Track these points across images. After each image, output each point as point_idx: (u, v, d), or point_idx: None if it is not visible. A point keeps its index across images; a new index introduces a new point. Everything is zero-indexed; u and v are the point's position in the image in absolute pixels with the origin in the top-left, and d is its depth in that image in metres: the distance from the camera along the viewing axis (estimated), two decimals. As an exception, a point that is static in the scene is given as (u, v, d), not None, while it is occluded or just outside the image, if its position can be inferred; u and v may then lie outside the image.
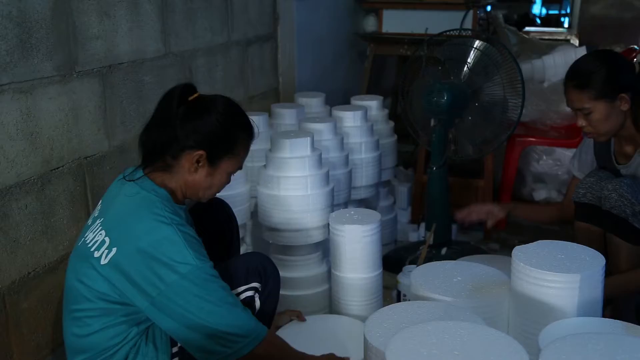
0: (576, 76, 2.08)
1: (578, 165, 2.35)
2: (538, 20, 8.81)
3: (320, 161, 2.29)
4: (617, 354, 1.22)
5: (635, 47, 3.50)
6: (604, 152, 2.24)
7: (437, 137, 2.65)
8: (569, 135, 3.40)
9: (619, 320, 1.61)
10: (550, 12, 9.30)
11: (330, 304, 2.27)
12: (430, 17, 3.69)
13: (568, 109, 3.43)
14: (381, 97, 3.12)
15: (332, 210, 2.29)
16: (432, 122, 2.64)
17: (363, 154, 2.71)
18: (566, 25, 8.17)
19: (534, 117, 3.49)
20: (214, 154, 1.61)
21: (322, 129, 2.50)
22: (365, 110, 2.78)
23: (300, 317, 2.04)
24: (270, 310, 1.82)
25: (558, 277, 1.60)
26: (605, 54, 2.15)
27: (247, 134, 1.67)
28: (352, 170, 2.62)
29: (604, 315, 1.74)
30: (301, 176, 2.22)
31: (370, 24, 4.05)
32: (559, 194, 3.60)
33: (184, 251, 1.47)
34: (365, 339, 1.56)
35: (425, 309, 1.64)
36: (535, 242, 1.80)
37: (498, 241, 3.10)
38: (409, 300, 1.95)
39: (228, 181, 1.70)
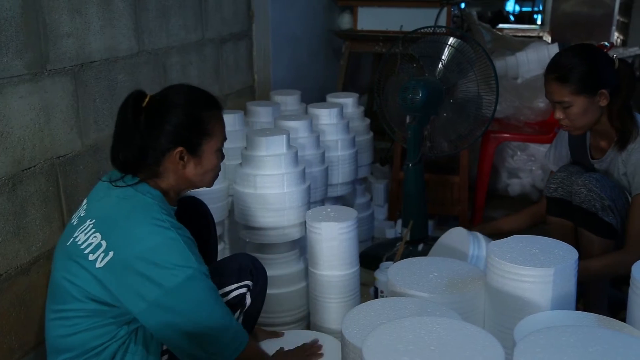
0: (558, 69, 2.08)
1: (553, 158, 2.38)
2: (511, 18, 8.90)
3: (296, 159, 2.29)
4: (590, 346, 1.23)
5: (606, 43, 3.54)
6: (579, 146, 2.26)
7: (412, 134, 2.66)
8: (543, 131, 3.44)
9: (592, 313, 1.63)
10: (524, 9, 9.39)
11: (308, 302, 2.27)
12: (404, 15, 3.71)
13: (542, 105, 3.52)
14: (357, 95, 3.12)
15: (309, 208, 2.29)
16: (408, 119, 2.65)
17: (339, 152, 2.71)
18: (539, 22, 8.26)
19: (508, 113, 3.53)
20: (192, 144, 1.61)
21: (298, 126, 2.50)
22: (341, 107, 2.79)
23: (277, 335, 2.04)
24: (258, 309, 1.85)
25: (532, 271, 1.62)
26: (588, 48, 2.15)
27: (212, 109, 1.66)
28: (329, 167, 2.62)
29: (577, 308, 1.77)
30: (277, 174, 2.21)
31: (345, 22, 4.06)
32: (533, 189, 3.64)
33: (186, 253, 1.47)
34: (342, 335, 1.56)
35: (402, 305, 1.64)
36: (509, 237, 1.82)
37: (474, 236, 3.13)
38: (386, 296, 1.96)
39: (222, 157, 1.70)
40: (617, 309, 2.15)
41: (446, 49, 2.67)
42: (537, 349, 1.23)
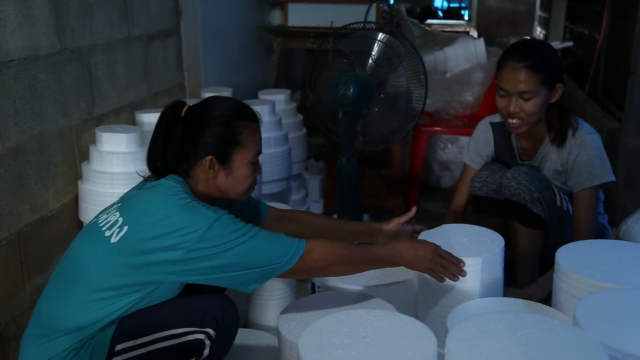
0: (530, 57, 2.00)
1: (475, 157, 2.36)
2: (440, 13, 9.09)
3: (228, 157, 2.26)
4: (518, 330, 1.28)
5: (528, 38, 3.68)
6: (506, 149, 2.28)
7: (345, 129, 2.67)
8: (472, 124, 3.51)
9: (519, 299, 1.69)
10: (451, 5, 9.62)
11: (245, 301, 2.26)
12: (335, 10, 3.73)
13: (470, 98, 3.61)
14: (289, 91, 3.12)
15: (243, 206, 2.27)
16: (340, 115, 2.67)
17: (272, 149, 2.71)
18: (466, 17, 8.48)
19: (438, 107, 3.60)
20: (222, 154, 1.59)
21: (230, 124, 2.47)
22: (272, 104, 2.78)
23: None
24: None
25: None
26: (545, 41, 2.13)
27: (246, 120, 1.63)
28: (262, 164, 2.60)
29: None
30: (210, 172, 2.18)
31: (276, 18, 4.05)
32: (464, 180, 3.72)
33: (199, 210, 1.47)
34: (279, 332, 1.56)
35: (338, 299, 1.66)
36: (439, 227, 1.86)
37: (408, 229, 3.18)
38: (323, 291, 1.97)
39: (255, 170, 1.67)
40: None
41: (376, 44, 2.69)
42: (468, 335, 1.27)
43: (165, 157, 1.60)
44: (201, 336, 1.53)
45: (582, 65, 4.20)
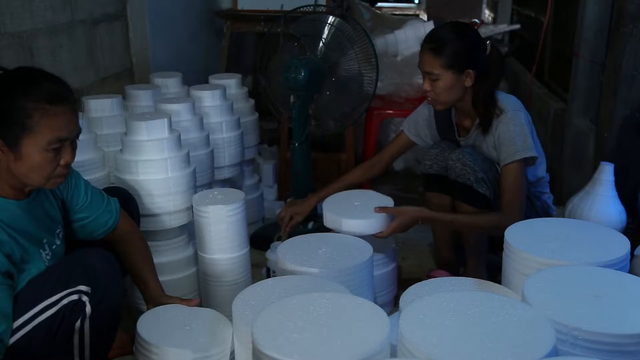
0: (434, 41, 2.13)
1: (414, 129, 2.42)
2: (390, -4, 9.09)
3: (179, 142, 2.23)
4: (469, 308, 1.30)
5: (477, 20, 3.71)
6: (446, 126, 2.33)
7: (297, 113, 2.67)
8: (423, 107, 3.56)
9: (471, 278, 1.72)
10: (402, -12, 9.61)
11: (199, 287, 2.24)
12: (285, -7, 3.69)
13: (421, 81, 3.62)
14: (240, 75, 3.08)
15: (196, 192, 2.25)
16: (292, 99, 2.66)
17: (224, 133, 2.68)
18: (416, 1, 8.52)
19: (389, 90, 3.62)
20: (8, 137, 1.47)
21: (180, 109, 2.43)
22: (224, 89, 2.74)
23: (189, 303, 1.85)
24: (110, 319, 1.62)
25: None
26: (466, 28, 2.18)
27: (39, 104, 1.47)
28: (214, 150, 2.58)
29: (459, 275, 1.86)
30: (160, 159, 2.15)
31: (225, 1, 3.99)
32: (417, 162, 3.77)
33: None
34: (233, 318, 1.55)
35: (292, 283, 1.66)
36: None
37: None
38: (277, 276, 1.97)
39: (59, 157, 1.53)
40: (495, 273, 2.28)
41: (326, 27, 2.69)
42: (421, 315, 1.28)
43: None
44: (75, 296, 1.50)
45: (529, 47, 4.28)
